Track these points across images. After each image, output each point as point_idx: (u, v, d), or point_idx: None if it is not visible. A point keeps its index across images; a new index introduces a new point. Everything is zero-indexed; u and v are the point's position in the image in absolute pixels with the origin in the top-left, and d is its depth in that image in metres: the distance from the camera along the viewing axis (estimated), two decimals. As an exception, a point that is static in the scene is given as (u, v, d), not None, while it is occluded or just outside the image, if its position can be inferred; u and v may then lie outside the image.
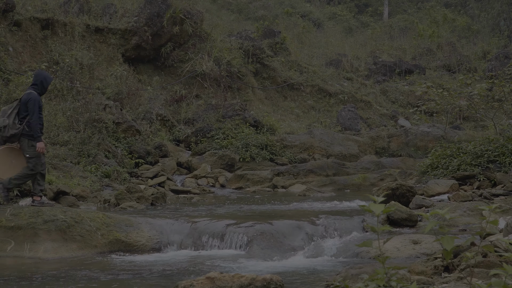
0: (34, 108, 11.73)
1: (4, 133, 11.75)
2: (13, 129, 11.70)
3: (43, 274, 9.47)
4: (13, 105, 11.93)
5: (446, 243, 4.69)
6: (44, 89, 12.15)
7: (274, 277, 6.74)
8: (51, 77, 12.34)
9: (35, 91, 11.95)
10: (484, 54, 39.23)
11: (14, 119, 11.76)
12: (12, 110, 11.82)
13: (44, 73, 12.36)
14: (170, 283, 8.76)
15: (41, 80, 12.06)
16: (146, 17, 27.11)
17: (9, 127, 11.69)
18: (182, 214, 13.50)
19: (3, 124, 11.72)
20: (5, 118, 11.75)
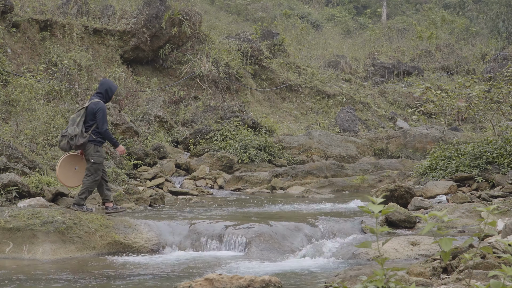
0: (103, 118, 11.92)
1: (75, 142, 11.87)
2: (82, 137, 11.85)
3: (42, 275, 9.47)
4: (80, 113, 12.02)
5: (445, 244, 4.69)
6: (109, 98, 12.27)
7: (272, 279, 6.74)
8: (115, 85, 12.42)
9: (101, 99, 12.09)
10: (483, 56, 39.27)
11: (82, 128, 11.91)
12: (80, 119, 11.96)
13: (109, 82, 12.41)
14: (169, 284, 8.76)
15: (106, 89, 12.17)
16: (144, 19, 27.11)
17: (79, 135, 11.85)
18: (180, 215, 13.50)
19: (74, 132, 11.85)
20: (75, 127, 11.90)
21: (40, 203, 13.97)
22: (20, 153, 16.38)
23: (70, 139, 11.87)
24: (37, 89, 19.86)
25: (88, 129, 11.94)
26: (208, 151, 22.54)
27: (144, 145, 21.88)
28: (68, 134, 11.92)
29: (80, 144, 11.84)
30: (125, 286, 8.82)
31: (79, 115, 11.98)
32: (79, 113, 12.01)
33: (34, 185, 15.22)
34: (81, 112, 12.02)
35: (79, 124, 11.90)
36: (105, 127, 11.93)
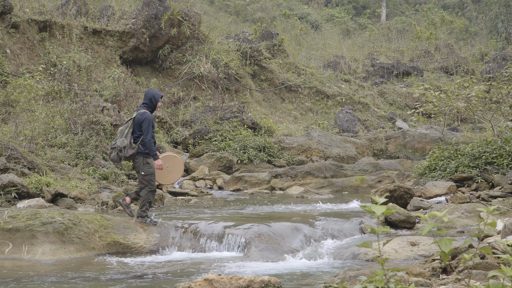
0: (148, 128, 11.75)
1: (124, 153, 11.80)
2: (131, 149, 11.78)
3: (41, 276, 9.46)
4: (128, 124, 11.94)
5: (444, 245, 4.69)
6: (154, 107, 12.10)
7: (272, 279, 6.74)
8: (159, 94, 12.18)
9: (147, 109, 11.98)
10: (482, 56, 39.30)
11: (130, 139, 11.84)
12: (128, 130, 11.89)
13: (152, 90, 12.23)
14: (168, 285, 8.76)
15: (150, 98, 12.03)
16: (143, 19, 27.12)
17: (127, 147, 11.78)
18: (180, 216, 13.50)
19: (123, 144, 11.79)
20: (123, 139, 11.83)
21: (40, 204, 13.97)
22: (19, 153, 16.38)
23: (119, 151, 11.81)
24: (37, 89, 19.87)
25: (137, 140, 11.86)
26: (207, 151, 22.55)
27: (144, 145, 21.86)
28: (117, 146, 11.86)
29: (129, 155, 11.78)
30: (125, 287, 8.81)
31: (127, 127, 11.91)
32: (127, 124, 11.93)
33: (34, 185, 15.23)
34: (129, 123, 11.94)
35: (127, 135, 11.82)
36: (149, 137, 11.74)
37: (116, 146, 11.86)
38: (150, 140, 11.75)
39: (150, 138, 11.75)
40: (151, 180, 11.92)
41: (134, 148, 11.77)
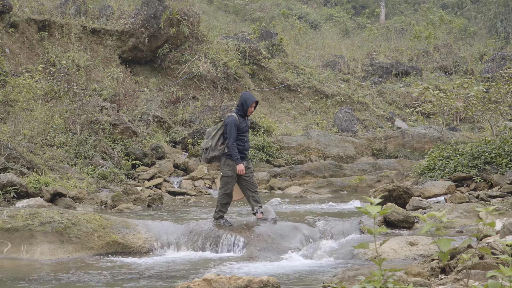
0: (230, 132, 11.60)
1: (206, 155, 11.75)
2: (215, 151, 11.68)
3: (40, 276, 9.46)
4: (217, 126, 11.87)
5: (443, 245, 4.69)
6: (245, 111, 11.85)
7: (270, 279, 6.74)
8: (253, 99, 11.89)
9: (238, 113, 11.80)
10: (481, 56, 39.30)
11: (218, 141, 11.74)
12: (216, 132, 11.79)
13: (246, 95, 12.03)
14: (167, 285, 8.76)
15: (242, 102, 11.84)
16: (142, 19, 27.12)
17: (211, 149, 11.69)
18: (179, 216, 13.50)
19: (206, 146, 11.74)
20: (208, 140, 11.77)
21: (38, 203, 13.97)
22: (18, 153, 16.38)
23: (203, 152, 11.80)
24: (36, 89, 19.87)
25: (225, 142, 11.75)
26: (206, 151, 22.51)
27: (143, 145, 21.88)
28: (201, 147, 11.87)
29: (210, 157, 11.72)
30: (123, 287, 8.81)
31: (215, 128, 11.84)
32: (216, 126, 11.88)
33: (32, 185, 15.24)
34: (218, 125, 11.87)
35: (214, 137, 11.73)
36: (231, 141, 11.56)
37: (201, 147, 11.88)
38: (232, 144, 11.60)
39: (233, 142, 11.59)
40: (228, 183, 11.76)
41: (220, 150, 11.69)
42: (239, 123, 11.71)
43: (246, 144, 11.89)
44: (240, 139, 11.75)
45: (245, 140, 11.90)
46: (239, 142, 11.73)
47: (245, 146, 11.87)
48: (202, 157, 11.94)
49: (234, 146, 11.60)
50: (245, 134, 11.87)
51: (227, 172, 11.71)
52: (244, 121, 11.85)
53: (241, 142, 11.76)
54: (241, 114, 11.85)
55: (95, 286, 8.89)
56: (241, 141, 11.78)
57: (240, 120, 11.75)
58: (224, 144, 11.73)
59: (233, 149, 11.60)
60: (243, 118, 11.86)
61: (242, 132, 11.77)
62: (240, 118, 11.79)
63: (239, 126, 11.70)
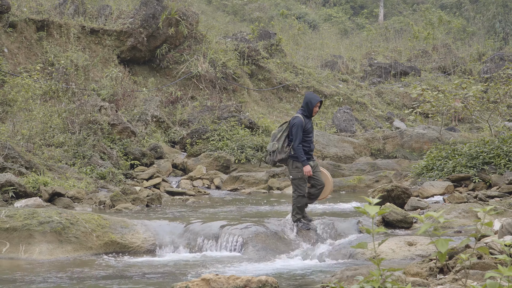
0: (296, 133, 11.39)
1: (273, 157, 11.58)
2: (282, 153, 11.50)
3: (38, 275, 9.46)
4: (282, 128, 11.68)
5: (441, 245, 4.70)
6: (310, 112, 11.61)
7: (269, 279, 6.74)
8: (317, 99, 11.62)
9: (303, 113, 11.58)
10: (479, 56, 39.32)
11: (284, 143, 11.55)
12: (281, 134, 11.60)
13: (310, 95, 11.75)
14: (166, 284, 8.76)
15: (306, 102, 11.59)
16: (141, 19, 27.12)
17: (278, 151, 11.52)
18: (177, 215, 13.50)
19: (273, 148, 11.58)
20: (274, 142, 11.59)
21: (37, 203, 13.97)
22: (16, 153, 16.38)
23: (269, 154, 11.64)
24: (34, 89, 19.86)
25: (290, 143, 11.57)
26: (205, 151, 22.54)
27: (141, 145, 21.88)
28: (267, 150, 11.71)
29: (277, 159, 11.54)
30: (122, 287, 8.81)
31: (280, 130, 11.66)
32: (281, 128, 11.69)
33: (31, 185, 15.23)
34: (283, 127, 11.69)
35: (280, 139, 11.55)
36: (297, 142, 11.35)
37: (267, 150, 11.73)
38: (298, 146, 11.39)
39: (299, 144, 11.37)
40: (299, 185, 11.55)
41: (286, 152, 11.50)
42: (305, 124, 11.51)
43: (311, 145, 11.72)
44: (306, 140, 11.56)
45: (311, 141, 11.72)
46: (305, 143, 11.53)
47: (310, 147, 11.68)
48: (268, 159, 11.77)
49: (300, 148, 11.40)
50: (310, 135, 11.68)
51: (297, 175, 11.53)
52: (310, 122, 11.65)
53: (306, 144, 11.57)
54: (306, 114, 11.62)
55: (94, 286, 8.89)
56: (307, 142, 11.59)
57: (305, 121, 11.55)
58: (289, 146, 11.53)
59: (299, 151, 11.40)
60: (308, 119, 11.64)
61: (307, 133, 11.57)
62: (306, 119, 11.57)
63: (304, 127, 11.50)
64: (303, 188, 11.60)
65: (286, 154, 11.50)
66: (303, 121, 11.46)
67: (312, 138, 11.80)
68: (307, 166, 11.46)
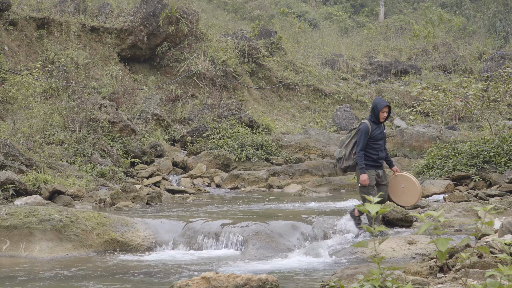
0: (360, 139, 11.10)
1: (340, 165, 11.35)
2: (349, 160, 11.24)
3: (38, 273, 9.46)
4: (351, 134, 11.38)
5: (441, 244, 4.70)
6: (376, 117, 11.20)
7: (269, 277, 6.73)
8: (383, 103, 11.18)
9: (370, 119, 11.24)
10: (480, 55, 39.28)
11: (352, 149, 11.26)
12: (349, 140, 11.32)
13: (377, 100, 11.32)
14: (166, 283, 8.76)
15: (372, 108, 11.26)
16: (141, 17, 27.12)
17: (344, 158, 11.26)
18: (177, 214, 13.50)
19: (339, 155, 11.32)
20: (342, 149, 11.33)
21: (37, 201, 13.97)
22: (17, 151, 16.38)
23: (337, 161, 11.38)
24: (34, 87, 19.86)
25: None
26: (205, 149, 22.55)
27: (141, 143, 21.88)
28: (335, 156, 11.43)
29: (344, 167, 11.30)
30: (122, 285, 8.81)
31: (349, 137, 11.36)
32: (349, 134, 11.38)
33: (31, 183, 15.23)
34: (352, 133, 11.38)
35: (348, 146, 11.28)
36: (359, 148, 11.05)
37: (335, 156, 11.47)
38: (360, 152, 11.07)
39: (360, 150, 11.06)
40: (365, 193, 11.08)
41: (353, 159, 11.21)
42: (371, 130, 11.14)
43: (380, 152, 11.29)
44: (372, 147, 11.21)
45: (379, 148, 11.29)
46: (371, 150, 11.19)
47: (379, 155, 11.27)
48: (336, 167, 11.50)
49: (361, 154, 11.09)
50: (379, 142, 11.27)
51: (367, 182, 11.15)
52: (378, 128, 11.25)
53: (373, 151, 11.22)
54: (374, 120, 11.26)
55: (94, 283, 8.88)
56: (374, 149, 11.23)
57: (372, 127, 11.18)
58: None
59: (359, 157, 11.08)
60: (377, 125, 11.25)
61: (375, 140, 11.20)
62: (373, 125, 11.21)
63: (371, 133, 11.13)
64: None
65: (353, 161, 11.22)
66: (369, 127, 11.12)
67: (382, 146, 11.37)
68: (364, 175, 11.08)
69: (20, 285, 8.76)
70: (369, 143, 11.17)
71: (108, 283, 8.88)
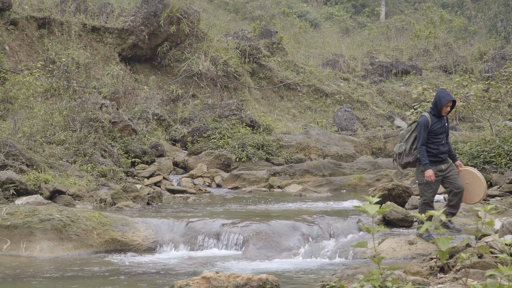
0: (419, 133, 10.51)
1: (400, 160, 10.80)
2: (409, 156, 10.65)
3: (39, 273, 9.47)
4: (411, 128, 10.76)
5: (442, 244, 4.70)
6: (439, 112, 10.54)
7: (270, 277, 6.74)
8: (448, 97, 10.48)
9: (431, 112, 10.61)
10: (481, 55, 39.26)
11: (412, 144, 10.66)
12: (410, 134, 10.72)
13: (441, 93, 10.64)
14: (166, 282, 8.77)
15: (434, 102, 10.57)
16: (142, 17, 27.12)
17: (404, 153, 10.69)
18: (178, 213, 13.50)
19: (399, 150, 10.78)
20: (402, 144, 10.75)
21: (38, 201, 13.98)
22: (17, 150, 16.38)
23: (396, 157, 10.86)
24: (35, 86, 19.86)
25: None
26: (206, 149, 22.54)
27: (142, 143, 21.87)
28: (394, 152, 10.95)
29: (404, 163, 10.72)
30: (122, 284, 8.82)
31: (409, 131, 10.75)
32: (409, 129, 10.78)
33: (32, 182, 15.24)
34: (412, 127, 10.76)
35: (408, 140, 10.69)
36: (420, 143, 10.47)
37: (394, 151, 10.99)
38: (421, 147, 10.46)
39: (421, 145, 10.45)
40: (423, 191, 10.62)
41: (414, 155, 10.62)
42: (431, 124, 10.53)
43: (441, 147, 10.63)
44: (433, 141, 10.58)
45: (441, 142, 10.64)
46: (432, 145, 10.56)
47: (439, 149, 10.62)
48: (395, 162, 11.01)
49: (422, 149, 10.50)
50: (439, 136, 10.62)
51: (422, 179, 10.60)
52: (439, 122, 10.59)
53: (434, 145, 10.59)
54: (435, 114, 10.62)
55: (94, 283, 8.89)
56: (435, 143, 10.60)
57: (433, 120, 10.56)
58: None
59: (421, 152, 10.50)
60: (438, 118, 10.60)
61: (435, 134, 10.57)
62: (434, 118, 10.58)
63: (431, 127, 10.53)
64: (428, 195, 10.61)
65: (413, 157, 10.66)
66: (429, 120, 10.54)
67: (443, 140, 10.71)
68: (429, 171, 10.44)
69: (20, 285, 8.77)
70: (429, 137, 10.60)
71: (108, 283, 8.89)
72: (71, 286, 8.72)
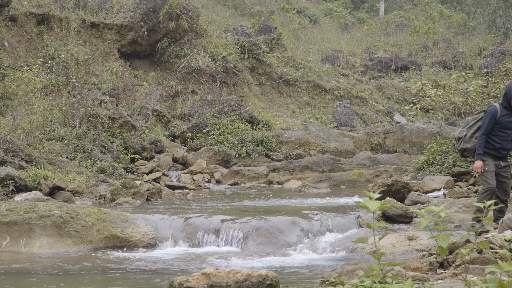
0: (484, 121, 10.06)
1: (458, 145, 10.48)
2: (467, 143, 10.27)
3: (38, 269, 9.47)
4: (478, 116, 10.35)
5: (441, 240, 4.70)
6: (508, 102, 10.02)
7: (269, 273, 6.73)
8: None
9: (502, 104, 10.10)
10: (480, 51, 39.26)
11: (475, 132, 10.25)
12: (475, 122, 10.31)
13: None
14: (166, 278, 8.76)
15: (505, 92, 10.08)
16: (142, 13, 27.10)
17: (464, 139, 10.34)
18: (177, 209, 13.50)
19: (459, 135, 10.45)
20: (463, 129, 10.41)
21: (37, 197, 13.97)
22: (17, 147, 16.38)
23: (456, 141, 10.59)
24: (35, 82, 19.86)
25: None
26: (205, 145, 22.54)
27: (141, 139, 21.87)
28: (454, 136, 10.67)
29: (461, 148, 10.38)
30: (122, 281, 8.82)
31: (475, 118, 10.35)
32: (476, 116, 10.38)
33: (31, 179, 15.23)
34: (479, 115, 10.33)
35: (471, 127, 10.29)
36: (481, 132, 10.03)
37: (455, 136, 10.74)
38: (481, 136, 10.01)
39: (482, 134, 10.00)
40: (486, 179, 10.10)
41: (473, 142, 10.21)
42: (500, 115, 10.04)
43: (505, 143, 10.15)
44: (498, 135, 10.10)
45: (506, 138, 10.15)
46: (495, 138, 10.10)
47: (502, 145, 10.15)
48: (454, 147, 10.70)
49: (482, 139, 10.06)
50: (507, 131, 10.12)
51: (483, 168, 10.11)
52: (510, 116, 10.09)
53: (497, 139, 10.12)
54: (506, 106, 10.10)
55: (93, 279, 8.89)
56: (499, 137, 10.12)
57: (502, 112, 10.06)
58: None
59: (479, 141, 10.06)
60: (509, 111, 10.09)
61: (502, 127, 10.07)
62: (504, 110, 10.08)
63: (498, 118, 10.03)
64: (488, 184, 10.09)
65: (472, 144, 10.26)
66: (498, 111, 10.06)
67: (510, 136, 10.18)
68: (478, 162, 10.05)
69: (20, 281, 8.77)
70: (495, 129, 10.12)
71: (107, 279, 8.89)
72: (71, 282, 8.72)
